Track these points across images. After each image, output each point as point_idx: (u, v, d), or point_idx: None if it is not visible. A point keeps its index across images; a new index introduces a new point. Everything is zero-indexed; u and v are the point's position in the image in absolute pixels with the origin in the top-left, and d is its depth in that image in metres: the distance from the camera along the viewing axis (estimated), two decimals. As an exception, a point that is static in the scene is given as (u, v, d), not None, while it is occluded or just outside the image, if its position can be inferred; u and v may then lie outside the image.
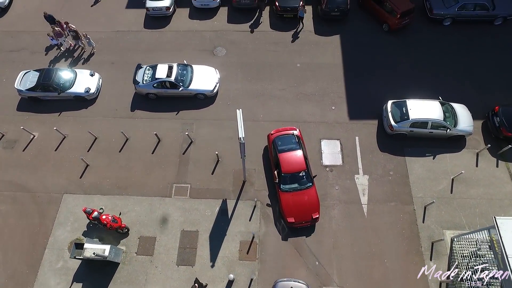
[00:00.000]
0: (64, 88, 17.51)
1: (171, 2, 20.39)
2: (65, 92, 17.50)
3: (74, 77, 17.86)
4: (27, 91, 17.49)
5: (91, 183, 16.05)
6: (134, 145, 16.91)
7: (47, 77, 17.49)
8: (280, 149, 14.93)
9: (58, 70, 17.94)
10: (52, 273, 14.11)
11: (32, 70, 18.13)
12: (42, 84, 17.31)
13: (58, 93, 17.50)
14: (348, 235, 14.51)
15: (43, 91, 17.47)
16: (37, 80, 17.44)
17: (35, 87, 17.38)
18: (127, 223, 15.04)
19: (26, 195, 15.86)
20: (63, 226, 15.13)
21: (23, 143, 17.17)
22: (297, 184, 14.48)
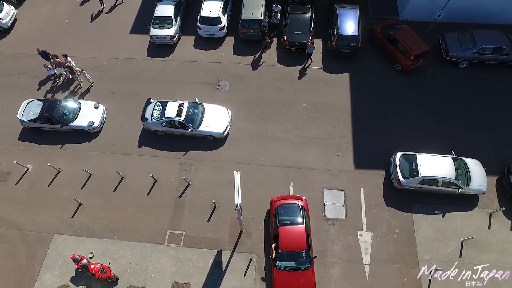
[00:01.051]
0: (67, 120, 17.05)
1: (175, 31, 19.85)
2: (68, 125, 17.01)
3: (78, 109, 17.37)
4: (30, 122, 17.11)
5: (82, 224, 15.58)
6: (129, 184, 16.40)
7: (51, 108, 17.04)
8: (282, 221, 14.02)
9: (62, 101, 17.47)
10: (35, 324, 13.62)
11: (36, 100, 17.71)
12: (45, 116, 16.86)
13: (61, 126, 17.03)
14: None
15: (46, 122, 17.00)
16: (40, 111, 17.02)
17: (37, 119, 16.91)
18: (117, 271, 14.52)
19: (15, 233, 15.46)
20: (50, 270, 14.67)
21: (16, 175, 16.81)
22: (294, 263, 13.49)
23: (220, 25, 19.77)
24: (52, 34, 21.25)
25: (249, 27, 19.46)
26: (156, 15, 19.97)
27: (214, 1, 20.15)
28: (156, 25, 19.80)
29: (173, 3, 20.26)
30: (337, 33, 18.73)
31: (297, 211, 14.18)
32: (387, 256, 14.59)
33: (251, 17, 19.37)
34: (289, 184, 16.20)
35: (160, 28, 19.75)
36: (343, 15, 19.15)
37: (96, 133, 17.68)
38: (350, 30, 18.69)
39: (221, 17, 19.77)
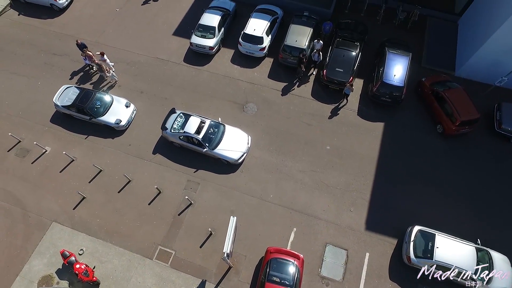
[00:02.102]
0: (96, 114, 17.34)
1: (216, 42, 19.61)
2: (96, 119, 17.32)
3: (109, 105, 17.59)
4: (63, 108, 17.59)
5: (81, 218, 15.81)
6: (134, 189, 16.42)
7: (85, 99, 17.43)
8: (271, 276, 13.23)
9: (97, 94, 17.74)
10: (14, 307, 13.98)
11: (73, 87, 18.14)
12: (77, 105, 17.27)
13: (90, 118, 17.40)
14: None
15: (77, 111, 17.44)
16: (75, 99, 17.44)
17: (70, 106, 17.37)
18: (101, 275, 14.57)
19: (19, 212, 15.98)
20: (41, 257, 15.01)
21: (35, 155, 17.38)
22: None
23: (262, 45, 19.26)
24: (100, 21, 21.85)
25: (290, 54, 18.78)
26: (201, 23, 19.84)
27: (260, 20, 19.67)
28: (198, 33, 19.67)
29: (220, 14, 20.01)
30: (380, 79, 17.56)
31: (290, 270, 13.37)
32: (377, 336, 13.41)
33: (294, 44, 18.67)
34: (291, 229, 15.44)
35: (201, 36, 19.60)
36: (392, 60, 17.91)
37: (121, 131, 17.79)
38: (395, 79, 17.44)
39: (263, 37, 19.26)
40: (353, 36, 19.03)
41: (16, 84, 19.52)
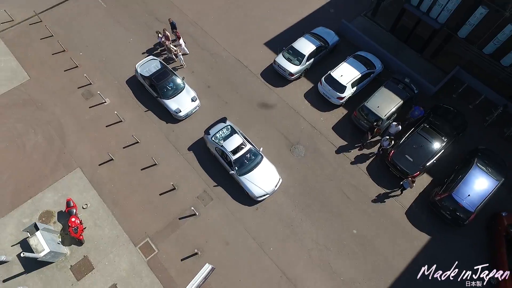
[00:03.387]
0: (163, 95, 17.83)
1: (298, 70, 18.81)
2: (161, 99, 17.94)
3: (178, 92, 17.92)
4: (140, 76, 18.46)
5: (100, 177, 16.72)
6: (155, 174, 16.80)
7: (160, 76, 17.96)
8: None
9: (173, 77, 18.10)
10: (14, 223, 15.47)
11: (158, 61, 18.74)
12: (151, 80, 17.98)
13: (156, 96, 18.12)
14: None
15: (149, 86, 18.23)
16: (152, 74, 18.08)
17: (145, 78, 18.20)
18: (88, 236, 15.36)
19: (58, 144, 17.53)
20: (54, 193, 16.32)
21: (95, 101, 18.77)
22: None
23: (341, 94, 17.91)
24: (207, 5, 22.47)
25: (365, 117, 17.12)
26: (293, 45, 19.14)
27: (353, 68, 18.24)
28: (286, 55, 19.04)
29: (317, 44, 19.05)
30: (450, 190, 15.01)
31: None
32: None
33: (374, 109, 16.97)
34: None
35: (287, 59, 18.93)
36: (475, 177, 15.18)
37: (177, 120, 18.25)
38: (467, 199, 14.77)
39: (347, 88, 17.86)
40: (445, 128, 16.52)
41: (114, 32, 21.26)
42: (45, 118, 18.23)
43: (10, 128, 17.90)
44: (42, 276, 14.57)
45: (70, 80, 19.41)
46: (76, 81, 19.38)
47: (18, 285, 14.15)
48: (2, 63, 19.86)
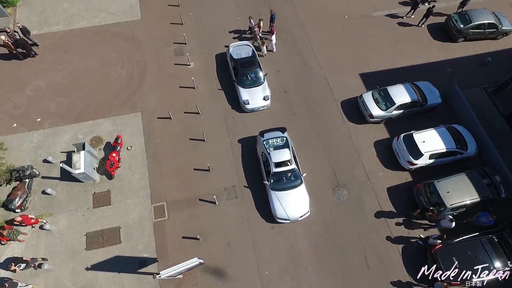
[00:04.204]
0: (240, 82, 17.91)
1: (381, 116, 17.67)
2: (236, 85, 18.11)
3: (255, 84, 17.88)
4: (229, 56, 18.81)
5: (153, 128, 17.83)
6: (200, 149, 17.27)
7: (245, 64, 18.03)
8: None
9: (257, 69, 18.04)
10: (71, 134, 17.49)
11: (252, 49, 18.76)
12: (236, 64, 18.18)
13: (233, 80, 18.43)
14: None
15: (233, 67, 18.47)
16: (240, 58, 18.30)
17: (232, 60, 18.51)
18: (118, 176, 16.45)
19: (135, 84, 19.09)
20: (111, 124, 17.94)
21: (181, 60, 19.82)
22: None
23: (414, 160, 16.22)
24: (324, 16, 21.94)
25: (428, 195, 15.33)
26: (388, 88, 17.87)
27: (439, 139, 16.42)
28: (376, 94, 17.89)
29: (414, 98, 17.50)
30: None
31: None
32: None
33: (442, 192, 15.10)
34: (244, 316, 13.83)
35: (374, 99, 17.82)
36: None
37: (241, 109, 18.42)
38: None
39: (424, 157, 16.15)
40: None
41: (226, 6, 22.09)
42: (136, 58, 19.82)
43: (106, 55, 19.85)
44: (69, 189, 16.10)
45: (170, 33, 20.73)
46: (175, 36, 20.62)
47: (49, 187, 15.82)
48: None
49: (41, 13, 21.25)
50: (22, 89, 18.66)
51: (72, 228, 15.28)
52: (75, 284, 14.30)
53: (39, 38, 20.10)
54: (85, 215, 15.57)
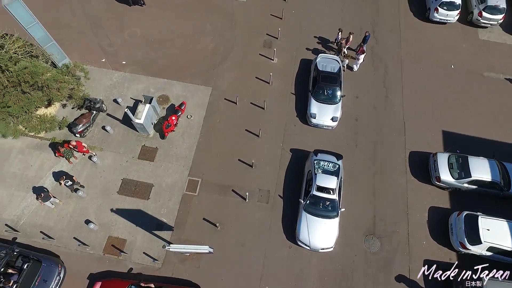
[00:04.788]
0: (315, 94, 17.41)
1: (449, 183, 15.91)
2: (310, 95, 17.70)
3: (328, 102, 17.31)
4: (314, 65, 18.36)
5: (216, 107, 18.29)
6: (250, 143, 17.31)
7: (327, 79, 17.47)
8: None
9: (337, 87, 17.36)
10: (145, 85, 18.59)
11: (340, 66, 18.00)
12: (318, 76, 17.69)
13: (309, 90, 17.95)
14: None
15: (313, 78, 18.03)
16: (323, 71, 17.66)
17: (316, 70, 18.02)
18: (170, 137, 17.14)
19: (217, 59, 19.48)
20: (182, 89, 18.67)
21: (267, 53, 19.86)
22: None
23: (469, 245, 14.39)
24: (428, 49, 20.33)
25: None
26: (468, 158, 16.06)
27: (508, 234, 14.23)
28: (452, 159, 16.19)
29: (495, 178, 15.47)
30: None
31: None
32: None
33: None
34: (229, 319, 13.65)
35: (448, 163, 16.11)
36: None
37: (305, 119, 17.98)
38: None
39: (482, 246, 14.23)
40: None
41: (330, 12, 21.52)
42: (227, 36, 20.32)
43: (202, 24, 20.63)
44: (124, 133, 17.19)
45: (267, 24, 20.82)
46: (269, 28, 20.66)
47: (109, 125, 16.99)
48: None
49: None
50: (121, 31, 20.21)
51: (113, 169, 16.31)
52: (97, 218, 15.28)
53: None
54: (128, 162, 16.50)
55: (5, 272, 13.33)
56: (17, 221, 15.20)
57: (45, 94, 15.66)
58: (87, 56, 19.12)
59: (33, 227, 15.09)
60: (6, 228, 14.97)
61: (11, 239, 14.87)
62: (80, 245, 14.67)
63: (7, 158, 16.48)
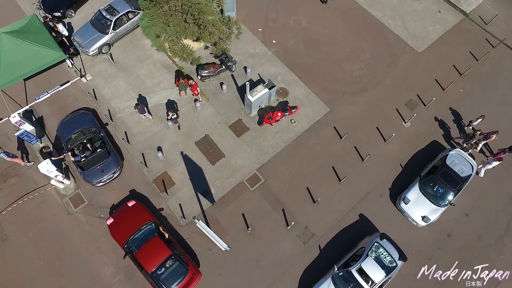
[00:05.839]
0: (422, 182, 15.41)
1: None
2: (415, 181, 15.76)
3: (427, 193, 15.18)
4: (441, 154, 16.25)
5: (323, 129, 17.53)
6: (326, 184, 16.31)
7: (444, 175, 15.11)
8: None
9: (450, 192, 15.05)
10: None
11: (472, 170, 15.36)
12: (436, 166, 15.77)
13: (418, 175, 15.97)
14: None
15: (432, 167, 15.87)
16: (446, 165, 15.31)
17: (439, 160, 15.94)
18: (264, 128, 17.18)
19: (359, 87, 18.56)
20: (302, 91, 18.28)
21: (405, 113, 18.09)
22: None
23: None
24: None
25: None
26: None
27: None
28: None
29: None
30: None
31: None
32: None
33: None
34: (201, 313, 13.65)
35: None
36: None
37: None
38: None
39: None
40: None
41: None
42: (377, 73, 19.04)
43: (363, 50, 19.69)
44: (232, 99, 18.01)
45: (425, 84, 18.68)
46: (425, 91, 18.54)
47: (226, 85, 17.86)
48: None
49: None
50: (291, 14, 20.65)
51: (205, 122, 17.30)
52: (167, 151, 16.58)
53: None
54: (219, 124, 17.27)
55: (85, 144, 15.54)
56: (116, 113, 17.46)
57: (199, 32, 17.12)
58: (249, 18, 20.20)
59: (122, 125, 17.17)
60: (106, 113, 17.33)
61: (104, 123, 17.19)
62: (142, 162, 16.15)
63: (142, 61, 18.85)
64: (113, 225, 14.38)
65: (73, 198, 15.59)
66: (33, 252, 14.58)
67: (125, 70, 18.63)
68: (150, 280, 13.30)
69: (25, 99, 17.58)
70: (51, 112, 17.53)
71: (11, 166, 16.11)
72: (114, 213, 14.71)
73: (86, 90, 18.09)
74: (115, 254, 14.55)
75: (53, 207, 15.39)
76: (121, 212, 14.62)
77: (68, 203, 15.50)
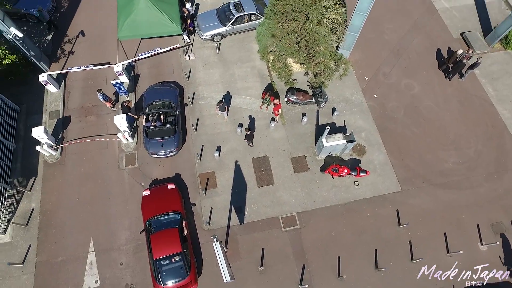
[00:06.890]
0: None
1: None
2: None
3: None
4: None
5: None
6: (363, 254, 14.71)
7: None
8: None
9: None
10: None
11: None
12: None
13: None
14: None
15: None
16: None
17: None
18: (323, 178, 16.28)
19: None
20: (381, 162, 16.85)
21: (486, 236, 15.52)
22: None
23: None
24: None
25: None
26: None
27: None
28: None
29: None
30: None
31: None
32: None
33: None
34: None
35: None
36: None
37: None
38: None
39: None
40: None
41: None
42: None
43: (466, 137, 17.34)
44: (306, 133, 17.37)
45: None
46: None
47: (306, 117, 17.29)
48: None
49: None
50: (405, 76, 19.15)
51: (272, 143, 17.03)
52: (223, 153, 16.74)
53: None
54: (284, 152, 16.85)
55: (160, 115, 16.41)
56: (198, 98, 18.18)
57: (305, 58, 16.85)
58: (361, 62, 19.31)
59: (198, 111, 17.81)
60: (190, 95, 18.14)
61: (184, 103, 18.00)
62: (198, 154, 16.52)
63: (243, 62, 19.30)
64: (146, 198, 14.92)
65: (128, 156, 16.60)
66: (76, 186, 15.90)
67: (225, 64, 19.26)
68: (152, 266, 13.46)
69: (133, 55, 19.28)
70: (148, 74, 18.94)
71: (96, 105, 17.81)
72: (152, 188, 15.27)
73: (185, 67, 19.15)
74: (136, 225, 15.09)
75: (110, 157, 16.59)
76: (158, 190, 15.10)
77: (122, 159, 16.55)
